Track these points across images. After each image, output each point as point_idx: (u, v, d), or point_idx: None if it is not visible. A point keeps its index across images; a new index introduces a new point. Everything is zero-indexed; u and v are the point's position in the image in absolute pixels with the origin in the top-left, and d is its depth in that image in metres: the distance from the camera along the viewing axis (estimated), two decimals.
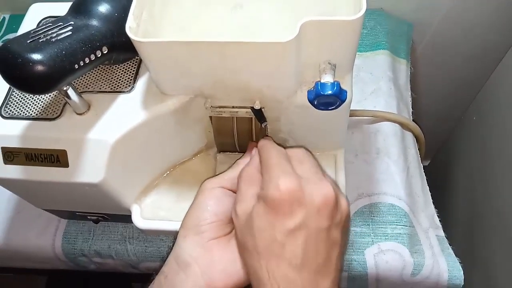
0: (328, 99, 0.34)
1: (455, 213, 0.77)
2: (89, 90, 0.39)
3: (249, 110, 0.38)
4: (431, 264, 0.47)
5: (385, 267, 0.47)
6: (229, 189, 0.36)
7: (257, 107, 0.37)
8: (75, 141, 0.36)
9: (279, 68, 0.33)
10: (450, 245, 0.50)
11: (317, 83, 0.33)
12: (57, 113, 0.38)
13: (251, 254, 0.31)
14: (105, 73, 0.40)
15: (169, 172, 0.46)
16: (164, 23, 0.36)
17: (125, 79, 0.39)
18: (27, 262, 0.55)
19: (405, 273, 0.47)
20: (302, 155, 0.34)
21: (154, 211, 0.43)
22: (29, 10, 0.44)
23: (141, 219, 0.43)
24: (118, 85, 0.39)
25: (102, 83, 0.39)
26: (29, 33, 0.32)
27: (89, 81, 0.39)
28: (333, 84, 0.33)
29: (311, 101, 0.35)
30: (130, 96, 0.38)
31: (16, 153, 0.37)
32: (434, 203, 0.53)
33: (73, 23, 0.33)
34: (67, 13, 0.35)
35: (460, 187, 0.78)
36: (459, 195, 0.78)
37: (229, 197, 0.35)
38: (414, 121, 0.58)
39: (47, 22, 0.34)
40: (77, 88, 0.38)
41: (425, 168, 0.55)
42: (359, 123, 0.55)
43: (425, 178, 0.54)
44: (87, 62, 0.33)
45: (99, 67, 0.40)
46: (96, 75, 0.40)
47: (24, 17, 0.44)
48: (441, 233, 0.50)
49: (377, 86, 0.58)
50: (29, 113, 0.38)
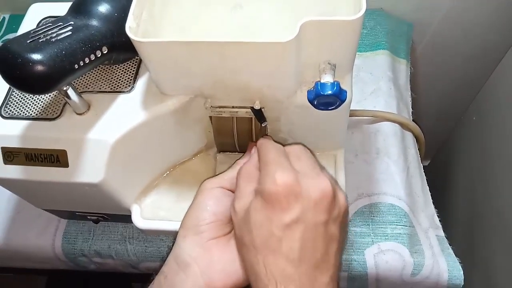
0: (328, 99, 0.34)
1: (455, 213, 0.77)
2: (89, 90, 0.39)
3: (249, 110, 0.38)
4: (431, 264, 0.47)
5: (385, 267, 0.47)
6: (229, 189, 0.36)
7: (257, 107, 0.37)
8: (75, 141, 0.36)
9: (279, 68, 0.33)
10: (450, 245, 0.50)
11: (317, 83, 0.33)
12: (57, 113, 0.38)
13: (248, 249, 0.30)
14: (105, 73, 0.40)
15: (169, 172, 0.46)
16: (164, 23, 0.36)
17: (125, 79, 0.39)
18: (27, 262, 0.55)
19: (405, 273, 0.47)
20: (300, 151, 0.34)
21: (154, 211, 0.43)
22: (29, 10, 0.44)
23: (141, 219, 0.43)
24: (118, 85, 0.39)
25: (102, 83, 0.39)
26: (29, 33, 0.32)
27: (89, 81, 0.39)
28: (333, 84, 0.33)
29: (311, 101, 0.35)
30: (130, 96, 0.38)
31: (16, 153, 0.37)
32: (434, 203, 0.53)
33: (73, 23, 0.33)
34: (67, 13, 0.35)
35: (460, 187, 0.78)
36: (459, 195, 0.78)
37: (229, 197, 0.35)
38: (414, 121, 0.58)
39: (47, 22, 0.34)
40: (77, 88, 0.38)
41: (425, 168, 0.55)
42: (359, 123, 0.55)
43: (425, 178, 0.54)
44: (87, 62, 0.33)
45: (99, 67, 0.40)
46: (96, 75, 0.40)
47: (24, 17, 0.44)
48: (441, 233, 0.50)
49: (377, 86, 0.58)
50: (29, 113, 0.38)
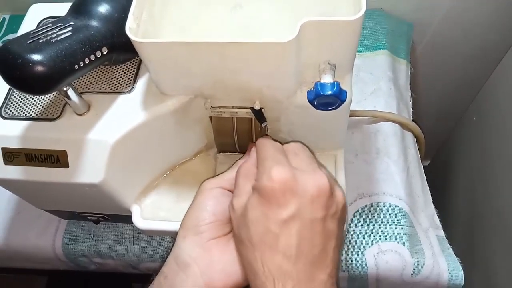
0: (328, 99, 0.34)
1: (455, 213, 0.77)
2: (89, 90, 0.39)
3: (249, 110, 0.38)
4: (431, 264, 0.47)
5: (385, 267, 0.47)
6: (228, 190, 0.36)
7: (257, 107, 0.37)
8: (75, 142, 0.36)
9: (279, 68, 0.33)
10: (450, 245, 0.50)
11: (317, 83, 0.33)
12: (57, 114, 0.38)
13: (246, 246, 0.30)
14: (105, 74, 0.40)
15: (169, 172, 0.46)
16: (164, 23, 0.36)
17: (125, 80, 0.39)
18: (27, 262, 0.55)
19: (405, 273, 0.47)
20: (297, 148, 0.34)
21: (154, 212, 0.43)
22: (29, 10, 0.44)
23: (141, 220, 0.43)
24: (118, 86, 0.39)
25: (102, 83, 0.39)
26: (29, 33, 0.32)
27: (89, 81, 0.39)
28: (333, 84, 0.33)
29: (311, 101, 0.35)
30: (130, 96, 0.38)
31: (16, 154, 0.37)
32: (434, 203, 0.53)
33: (73, 23, 0.33)
34: (67, 13, 0.35)
35: (460, 187, 0.78)
36: (459, 195, 0.78)
37: (228, 197, 0.35)
38: (414, 121, 0.58)
39: (47, 22, 0.34)
40: (77, 88, 0.38)
41: (425, 168, 0.55)
42: (359, 123, 0.55)
43: (425, 178, 0.54)
44: (87, 62, 0.33)
45: (99, 67, 0.40)
46: (96, 75, 0.40)
47: (24, 18, 0.44)
48: (441, 233, 0.50)
49: (377, 86, 0.58)
50: (29, 113, 0.38)
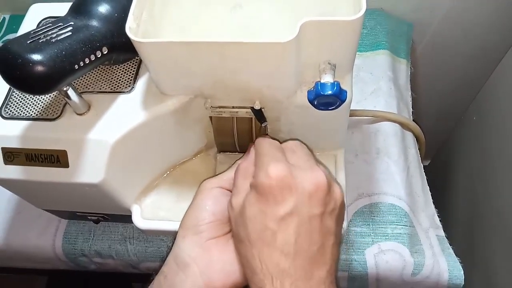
0: (328, 99, 0.34)
1: (455, 213, 0.77)
2: (89, 90, 0.39)
3: (249, 110, 0.38)
4: (432, 264, 0.47)
5: (385, 267, 0.47)
6: (228, 189, 0.36)
7: (257, 107, 0.37)
8: (75, 142, 0.36)
9: (279, 68, 0.33)
10: (450, 245, 0.50)
11: (317, 83, 0.33)
12: (57, 114, 0.38)
13: (244, 244, 0.30)
14: (105, 74, 0.40)
15: (169, 172, 0.46)
16: (164, 23, 0.36)
17: (125, 80, 0.39)
18: (27, 262, 0.55)
19: (405, 273, 0.47)
20: (295, 145, 0.34)
21: (154, 211, 0.43)
22: (29, 10, 0.44)
23: (141, 219, 0.43)
24: (118, 86, 0.39)
25: (102, 83, 0.39)
26: (29, 33, 0.32)
27: (89, 81, 0.39)
28: (333, 84, 0.33)
29: (311, 101, 0.35)
30: (130, 96, 0.38)
31: (16, 154, 0.37)
32: (434, 203, 0.53)
33: (73, 23, 0.33)
34: (67, 13, 0.35)
35: (460, 187, 0.78)
36: (459, 195, 0.78)
37: (228, 197, 0.35)
38: (414, 121, 0.58)
39: (47, 22, 0.34)
40: (77, 88, 0.38)
41: (425, 168, 0.55)
42: (359, 123, 0.55)
43: (425, 178, 0.54)
44: (87, 62, 0.33)
45: (99, 67, 0.40)
46: (96, 75, 0.40)
47: (24, 18, 0.44)
48: (441, 233, 0.50)
49: (377, 86, 0.58)
50: (29, 113, 0.38)
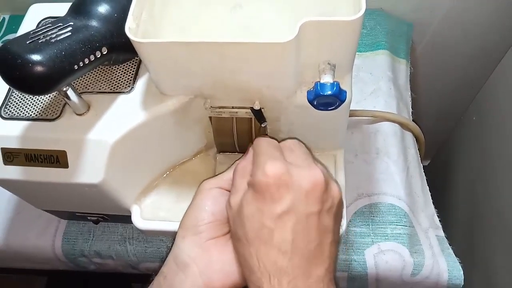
0: (327, 100, 0.34)
1: (455, 213, 0.77)
2: (89, 90, 0.39)
3: (249, 110, 0.38)
4: (431, 264, 0.47)
5: (385, 267, 0.47)
6: (227, 190, 0.36)
7: (256, 107, 0.37)
8: (75, 142, 0.36)
9: (279, 68, 0.33)
10: (450, 245, 0.50)
11: (316, 84, 0.33)
12: (56, 114, 0.38)
13: (242, 243, 0.30)
14: (104, 74, 0.40)
15: (168, 172, 0.46)
16: (164, 23, 0.36)
17: (125, 80, 0.39)
18: (27, 262, 0.55)
19: (405, 273, 0.47)
20: (293, 144, 0.34)
21: (154, 212, 0.43)
22: (29, 10, 0.44)
23: (141, 220, 0.43)
24: (117, 86, 0.39)
25: (101, 83, 0.39)
26: (28, 33, 0.32)
27: (88, 81, 0.39)
28: (332, 84, 0.33)
29: (311, 102, 0.35)
30: (129, 96, 0.38)
31: (16, 154, 0.37)
32: (434, 203, 0.53)
33: (72, 23, 0.33)
34: (67, 13, 0.35)
35: (459, 187, 0.78)
36: (459, 195, 0.78)
37: (227, 197, 0.35)
38: (413, 121, 0.58)
39: (47, 22, 0.34)
40: (77, 88, 0.38)
41: (425, 168, 0.55)
42: (358, 123, 0.55)
43: (425, 178, 0.54)
44: (86, 62, 0.33)
45: (99, 67, 0.40)
46: (95, 75, 0.40)
47: (23, 18, 0.44)
48: (441, 233, 0.50)
49: (376, 86, 0.58)
50: (28, 113, 0.38)
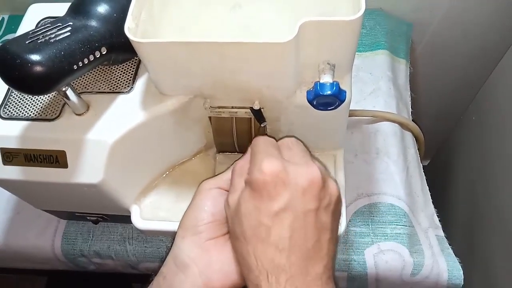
0: (327, 99, 0.34)
1: (454, 213, 0.77)
2: (88, 90, 0.39)
3: (249, 110, 0.38)
4: (431, 264, 0.47)
5: (385, 267, 0.47)
6: (226, 190, 0.35)
7: (256, 107, 0.37)
8: (74, 142, 0.36)
9: (279, 68, 0.33)
10: (449, 245, 0.50)
11: (316, 83, 0.33)
12: (56, 114, 0.37)
13: (240, 241, 0.30)
14: (104, 74, 0.40)
15: (168, 172, 0.45)
16: (163, 23, 0.36)
17: (124, 80, 0.39)
18: (26, 262, 0.55)
19: (404, 273, 0.47)
20: (291, 142, 0.34)
21: (153, 212, 0.43)
22: (28, 10, 0.44)
23: (140, 220, 0.43)
24: (117, 86, 0.39)
25: (101, 83, 0.39)
26: (28, 33, 0.32)
27: (88, 81, 0.39)
28: (332, 84, 0.33)
29: (311, 102, 0.35)
30: (129, 96, 0.38)
31: (15, 154, 0.37)
32: (433, 203, 0.53)
33: (72, 23, 0.33)
34: (66, 13, 0.35)
35: (459, 187, 0.78)
36: (459, 195, 0.78)
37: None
38: (413, 121, 0.58)
39: (46, 22, 0.34)
40: (76, 88, 0.38)
41: (424, 168, 0.55)
42: (358, 123, 0.55)
43: (424, 178, 0.54)
44: (86, 62, 0.33)
45: (98, 67, 0.40)
46: (95, 75, 0.40)
47: (23, 18, 0.44)
48: (441, 233, 0.50)
49: (376, 86, 0.58)
50: (28, 113, 0.38)
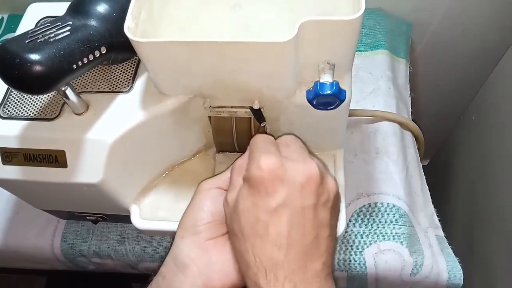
0: (327, 99, 0.34)
1: (454, 212, 0.77)
2: (88, 90, 0.39)
3: (248, 110, 0.38)
4: (431, 263, 0.47)
5: (385, 267, 0.47)
6: (226, 190, 0.35)
7: (256, 107, 0.37)
8: (74, 142, 0.36)
9: (278, 68, 0.32)
10: (449, 244, 0.50)
11: (316, 83, 0.33)
12: (55, 114, 0.37)
13: (238, 238, 0.30)
14: (103, 73, 0.40)
15: (168, 172, 0.45)
16: (163, 23, 0.36)
17: (124, 79, 0.39)
18: (26, 262, 0.55)
19: (404, 273, 0.47)
20: (289, 139, 0.34)
21: (153, 212, 0.43)
22: (28, 10, 0.44)
23: (140, 220, 0.43)
24: (116, 85, 0.39)
25: (100, 83, 0.39)
26: (27, 33, 0.32)
27: (87, 81, 0.39)
28: (332, 84, 0.33)
29: (310, 101, 0.35)
30: (128, 96, 0.38)
31: (14, 154, 0.37)
32: (433, 203, 0.53)
33: (71, 23, 0.33)
34: (66, 13, 0.35)
35: (459, 187, 0.78)
36: (459, 194, 0.78)
37: None
38: (413, 120, 0.58)
39: (46, 22, 0.34)
40: (76, 88, 0.38)
41: (424, 167, 0.55)
42: (358, 122, 0.55)
43: (424, 177, 0.54)
44: (85, 62, 0.33)
45: (98, 67, 0.40)
46: (94, 75, 0.40)
47: (22, 17, 0.44)
48: (441, 233, 0.50)
49: (376, 85, 0.58)
50: (27, 113, 0.38)
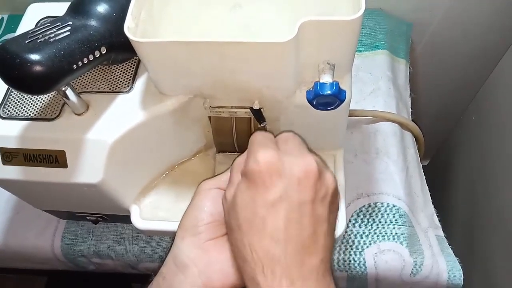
0: (327, 99, 0.34)
1: (454, 213, 0.77)
2: (88, 90, 0.39)
3: (248, 110, 0.38)
4: (431, 264, 0.47)
5: (385, 267, 0.47)
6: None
7: (256, 107, 0.37)
8: (74, 142, 0.36)
9: (278, 68, 0.32)
10: (449, 245, 0.50)
11: (316, 83, 0.33)
12: (55, 114, 0.37)
13: (235, 233, 0.30)
14: (103, 74, 0.40)
15: (168, 172, 0.45)
16: (163, 23, 0.36)
17: (124, 80, 0.39)
18: (26, 262, 0.55)
19: (404, 273, 0.47)
20: (288, 136, 0.34)
21: (153, 212, 0.43)
22: (28, 10, 0.44)
23: (140, 220, 0.43)
24: (116, 86, 0.39)
25: (100, 83, 0.39)
26: (27, 33, 0.32)
27: (87, 81, 0.39)
28: (332, 84, 0.33)
29: (310, 101, 0.35)
30: (128, 96, 0.38)
31: (14, 154, 0.37)
32: (433, 203, 0.53)
33: (71, 23, 0.33)
34: (66, 13, 0.35)
35: (459, 187, 0.78)
36: (459, 195, 0.78)
37: None
38: (413, 121, 0.58)
39: (46, 22, 0.34)
40: (76, 88, 0.38)
41: (424, 168, 0.55)
42: (358, 123, 0.55)
43: (424, 178, 0.54)
44: (85, 62, 0.33)
45: (98, 67, 0.40)
46: (94, 75, 0.40)
47: (22, 17, 0.44)
48: (441, 233, 0.50)
49: (376, 86, 0.58)
50: (27, 113, 0.38)
